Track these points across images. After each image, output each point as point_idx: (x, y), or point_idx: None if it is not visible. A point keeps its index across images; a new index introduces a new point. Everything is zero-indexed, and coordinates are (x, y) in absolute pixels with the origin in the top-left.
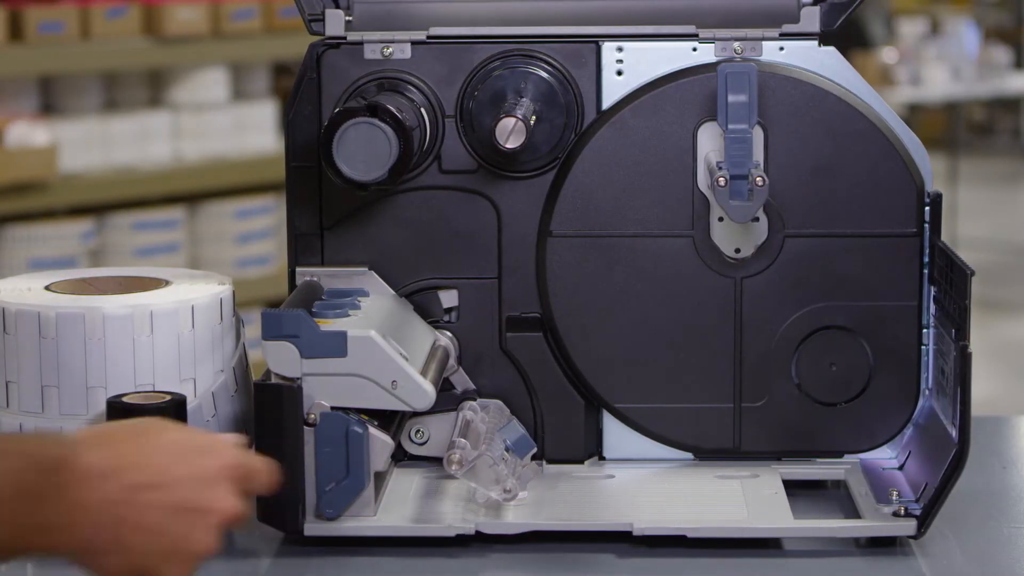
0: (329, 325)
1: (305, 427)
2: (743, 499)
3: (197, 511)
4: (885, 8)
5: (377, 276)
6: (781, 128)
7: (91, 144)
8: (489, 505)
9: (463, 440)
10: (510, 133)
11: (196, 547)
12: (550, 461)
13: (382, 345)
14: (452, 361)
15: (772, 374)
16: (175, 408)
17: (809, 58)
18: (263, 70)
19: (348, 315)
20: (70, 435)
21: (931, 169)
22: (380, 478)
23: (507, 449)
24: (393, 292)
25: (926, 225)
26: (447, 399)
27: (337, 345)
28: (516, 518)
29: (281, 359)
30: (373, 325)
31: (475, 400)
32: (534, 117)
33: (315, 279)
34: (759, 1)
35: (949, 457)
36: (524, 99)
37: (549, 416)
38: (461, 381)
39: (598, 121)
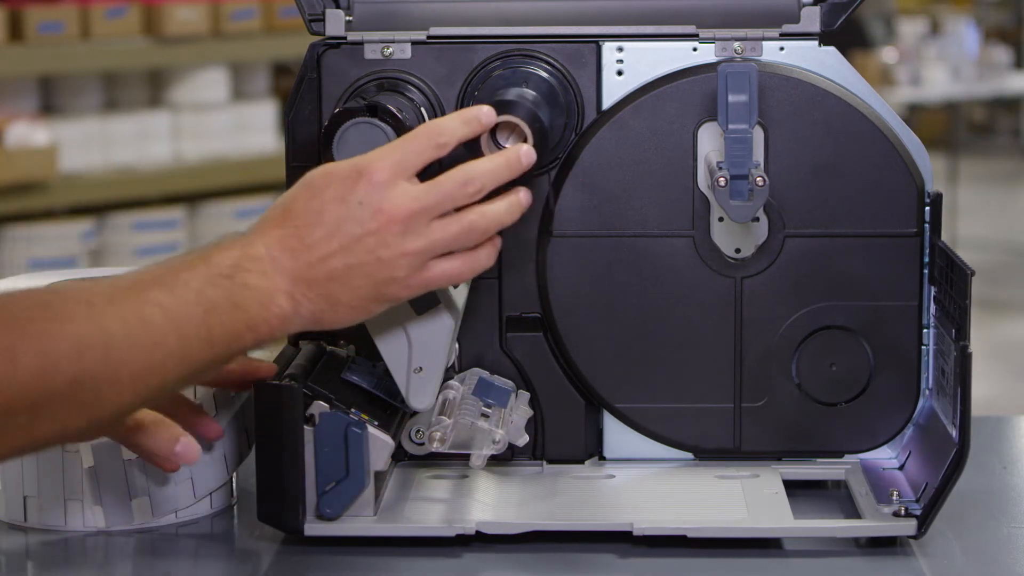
0: None
1: (305, 427)
2: (743, 499)
3: (370, 235)
4: (886, 8)
5: None
6: (781, 128)
7: (91, 144)
8: (487, 461)
9: (441, 417)
10: (510, 133)
11: (399, 263)
12: (550, 461)
13: (446, 338)
14: (452, 360)
15: (772, 374)
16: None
17: (809, 58)
18: (263, 70)
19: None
20: (239, 232)
21: (931, 169)
22: (380, 478)
23: (488, 405)
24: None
25: (926, 225)
26: None
27: (424, 302)
28: (516, 518)
29: None
30: (456, 316)
31: (452, 377)
32: None
33: None
34: (759, 1)
35: (949, 457)
36: None
37: (549, 416)
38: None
39: (598, 121)
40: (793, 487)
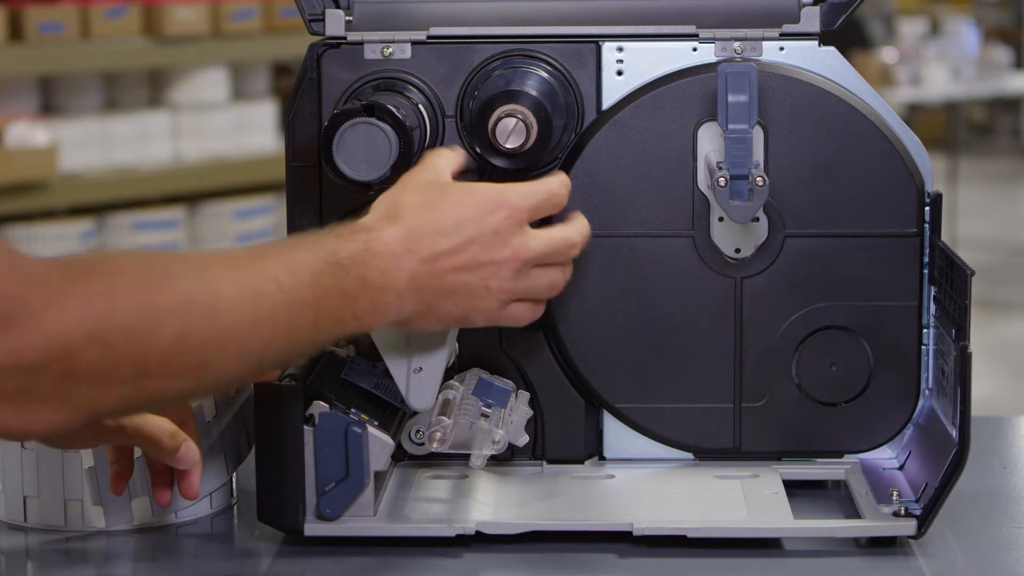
0: None
1: (305, 427)
2: (743, 499)
3: (492, 264)
4: (886, 8)
5: None
6: (781, 128)
7: (91, 144)
8: (487, 461)
9: (441, 417)
10: (510, 133)
11: (498, 295)
12: (550, 461)
13: (446, 338)
14: (452, 360)
15: (772, 374)
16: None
17: (809, 58)
18: (263, 70)
19: None
20: (359, 224)
21: (931, 169)
22: (380, 478)
23: (488, 405)
24: None
25: (926, 225)
26: None
27: None
28: (516, 518)
29: None
30: None
31: (452, 377)
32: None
33: None
34: (759, 1)
35: (949, 457)
36: None
37: (549, 416)
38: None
39: (598, 121)
40: (793, 487)
